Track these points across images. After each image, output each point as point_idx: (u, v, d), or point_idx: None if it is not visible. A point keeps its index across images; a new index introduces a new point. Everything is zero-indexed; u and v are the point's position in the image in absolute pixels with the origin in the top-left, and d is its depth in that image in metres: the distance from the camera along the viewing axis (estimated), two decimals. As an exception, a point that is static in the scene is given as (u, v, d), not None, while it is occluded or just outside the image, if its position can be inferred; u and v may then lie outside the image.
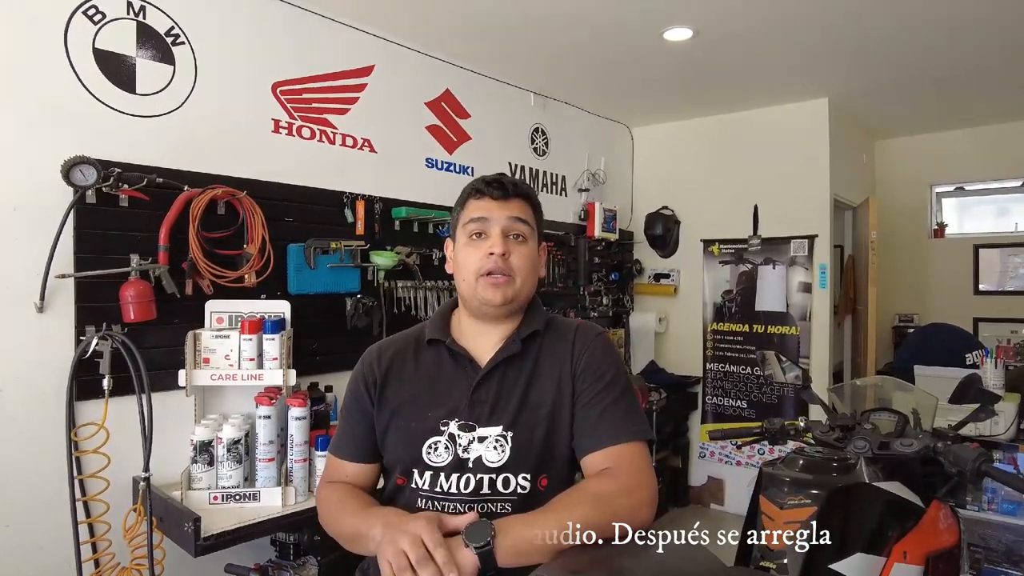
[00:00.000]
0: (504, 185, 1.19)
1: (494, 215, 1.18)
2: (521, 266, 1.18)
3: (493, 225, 1.18)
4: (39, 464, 1.94)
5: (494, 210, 1.18)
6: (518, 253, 1.18)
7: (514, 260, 1.18)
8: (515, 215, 1.19)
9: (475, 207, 1.20)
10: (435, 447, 1.15)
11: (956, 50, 3.20)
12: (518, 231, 1.19)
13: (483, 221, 1.18)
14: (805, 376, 1.87)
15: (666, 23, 2.89)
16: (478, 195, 1.20)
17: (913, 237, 5.09)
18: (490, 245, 1.17)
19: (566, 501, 1.04)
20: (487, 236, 1.18)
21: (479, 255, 1.17)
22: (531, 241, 1.21)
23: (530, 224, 1.21)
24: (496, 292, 1.16)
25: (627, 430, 1.13)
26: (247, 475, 2.08)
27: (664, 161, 4.65)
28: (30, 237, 1.92)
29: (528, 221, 1.20)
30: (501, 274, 1.16)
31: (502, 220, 1.18)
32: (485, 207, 1.19)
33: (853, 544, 1.21)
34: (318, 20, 2.70)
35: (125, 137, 2.12)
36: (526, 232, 1.20)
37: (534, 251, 1.22)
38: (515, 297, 1.19)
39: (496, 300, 1.17)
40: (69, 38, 2.00)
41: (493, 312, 1.19)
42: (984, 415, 1.52)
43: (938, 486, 1.44)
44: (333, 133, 2.76)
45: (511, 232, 1.19)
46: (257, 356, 2.16)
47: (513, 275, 1.17)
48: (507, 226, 1.18)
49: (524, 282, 1.19)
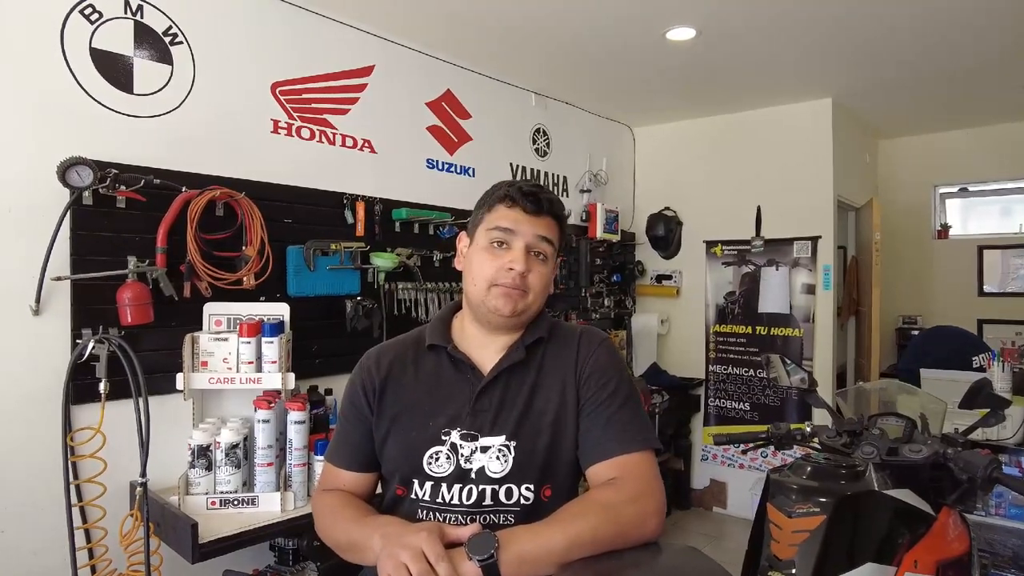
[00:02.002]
0: (540, 200, 1.15)
1: (522, 229, 1.14)
2: (536, 284, 1.15)
3: (518, 239, 1.14)
4: (34, 468, 1.92)
5: (523, 223, 1.14)
6: (537, 272, 1.15)
7: (532, 278, 1.14)
8: (543, 234, 1.15)
9: (504, 215, 1.15)
10: (436, 457, 1.12)
11: (960, 50, 3.17)
12: (541, 250, 1.16)
13: (509, 232, 1.14)
14: (811, 380, 1.84)
15: (669, 22, 2.87)
16: (510, 203, 1.15)
17: (916, 238, 5.07)
18: (511, 260, 1.13)
19: (573, 512, 1.01)
20: (509, 248, 1.14)
21: (497, 265, 1.14)
22: (551, 261, 1.18)
23: (554, 244, 1.18)
24: (508, 302, 1.13)
25: (634, 439, 1.10)
26: (245, 480, 2.05)
27: (666, 162, 4.62)
28: (25, 239, 1.90)
29: (553, 241, 1.17)
30: (516, 288, 1.13)
31: (529, 236, 1.14)
32: (515, 218, 1.14)
33: (863, 554, 1.19)
34: (318, 19, 2.67)
35: (122, 138, 2.10)
36: (548, 252, 1.17)
37: (551, 270, 1.19)
38: (525, 311, 1.16)
39: (506, 311, 1.14)
40: (66, 37, 1.98)
41: (500, 322, 1.16)
42: (995, 420, 1.50)
43: (947, 492, 1.41)
44: (333, 134, 2.74)
45: (534, 250, 1.15)
46: (256, 359, 2.13)
47: (528, 291, 1.14)
48: (532, 243, 1.14)
49: (536, 298, 1.16)
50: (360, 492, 1.21)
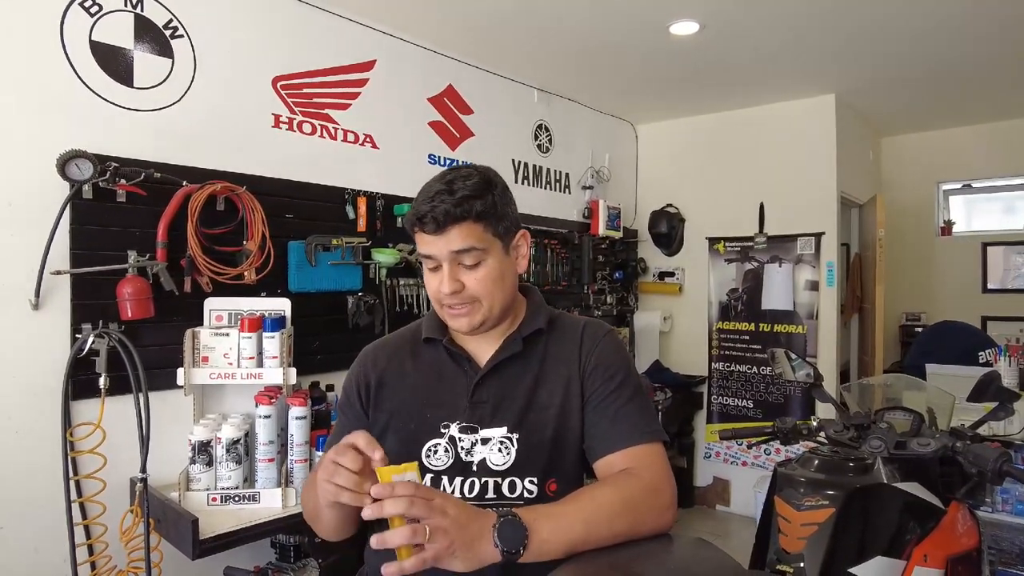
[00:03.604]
0: (436, 219, 1.04)
1: (435, 251, 1.07)
2: (481, 289, 1.09)
3: (439, 260, 1.08)
4: (34, 464, 1.90)
5: (434, 246, 1.07)
6: (473, 278, 1.08)
7: (472, 287, 1.08)
8: (456, 248, 1.06)
9: (419, 240, 1.09)
10: (435, 450, 1.11)
11: (964, 46, 3.15)
12: (466, 259, 1.07)
13: (429, 258, 1.10)
14: (816, 374, 1.83)
15: (672, 16, 2.85)
16: (416, 227, 1.08)
17: (920, 235, 5.05)
18: (439, 281, 1.09)
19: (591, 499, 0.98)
20: (439, 267, 1.10)
21: (434, 288, 1.10)
22: (490, 257, 1.09)
23: (479, 247, 1.07)
24: (461, 321, 1.11)
25: (644, 431, 1.09)
26: (247, 476, 2.04)
27: (669, 158, 4.61)
28: (25, 233, 1.89)
29: (476, 245, 1.06)
30: (460, 304, 1.09)
31: (445, 255, 1.07)
32: (426, 243, 1.08)
33: (872, 547, 1.17)
34: (319, 14, 2.66)
35: (122, 131, 2.08)
36: (477, 256, 1.07)
37: (496, 266, 1.10)
38: (486, 319, 1.12)
39: (463, 328, 1.12)
40: (65, 30, 1.96)
41: (469, 335, 1.14)
42: (1003, 414, 1.48)
43: (956, 486, 1.40)
44: (334, 128, 2.72)
45: (459, 262, 1.08)
46: (257, 354, 2.12)
47: (476, 301, 1.10)
48: (452, 259, 1.07)
49: (493, 301, 1.11)
50: None
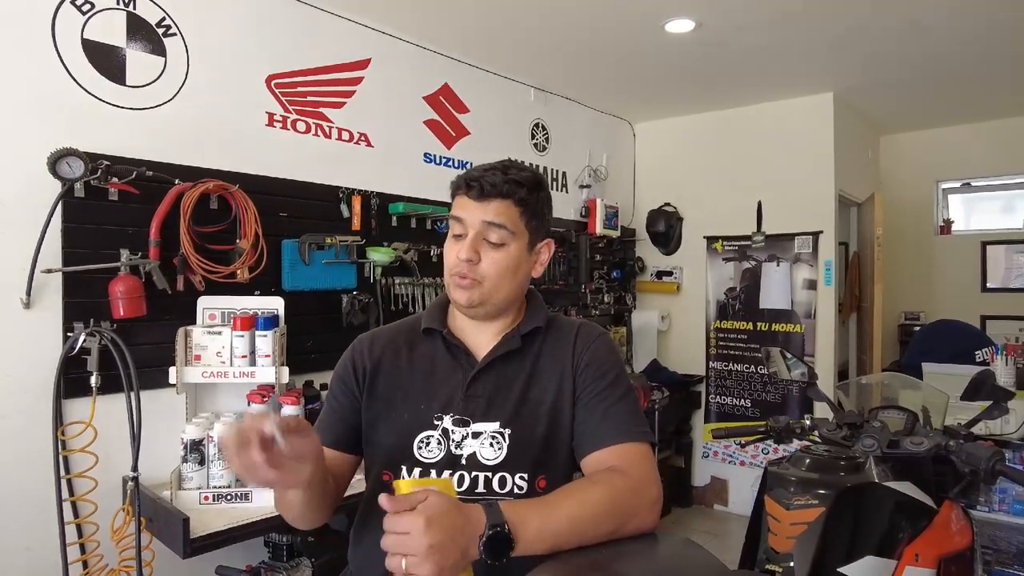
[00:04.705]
0: (482, 185, 1.08)
1: (468, 217, 1.09)
2: (491, 272, 1.09)
3: (468, 227, 1.10)
4: (25, 463, 1.89)
5: (470, 210, 1.09)
6: (490, 259, 1.09)
7: (484, 266, 1.09)
8: (489, 219, 1.08)
9: (457, 203, 1.12)
10: (427, 442, 1.10)
11: (962, 44, 3.14)
12: (493, 236, 1.09)
13: (460, 222, 1.11)
14: (811, 373, 1.82)
15: (668, 14, 2.84)
16: (461, 190, 1.11)
17: (919, 234, 5.04)
18: (459, 249, 1.10)
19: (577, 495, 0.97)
20: (464, 236, 1.11)
21: (454, 254, 1.11)
22: (513, 245, 1.10)
23: (509, 228, 1.09)
24: (461, 294, 1.11)
25: (632, 430, 1.08)
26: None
27: (666, 157, 4.59)
28: (16, 231, 1.88)
29: (507, 225, 1.09)
30: (467, 277, 1.09)
31: (476, 223, 1.09)
32: (463, 206, 1.10)
33: (863, 546, 1.16)
34: (313, 12, 2.65)
35: (115, 129, 2.08)
36: (504, 236, 1.09)
37: (516, 255, 1.11)
38: (482, 302, 1.11)
39: (460, 301, 1.11)
40: (57, 28, 1.96)
41: (468, 313, 1.14)
42: (997, 412, 1.47)
43: (949, 485, 1.39)
44: (329, 127, 2.71)
45: (485, 236, 1.09)
46: (250, 353, 2.11)
47: (481, 280, 1.10)
48: (481, 230, 1.09)
49: (495, 288, 1.11)
50: (335, 471, 1.14)
